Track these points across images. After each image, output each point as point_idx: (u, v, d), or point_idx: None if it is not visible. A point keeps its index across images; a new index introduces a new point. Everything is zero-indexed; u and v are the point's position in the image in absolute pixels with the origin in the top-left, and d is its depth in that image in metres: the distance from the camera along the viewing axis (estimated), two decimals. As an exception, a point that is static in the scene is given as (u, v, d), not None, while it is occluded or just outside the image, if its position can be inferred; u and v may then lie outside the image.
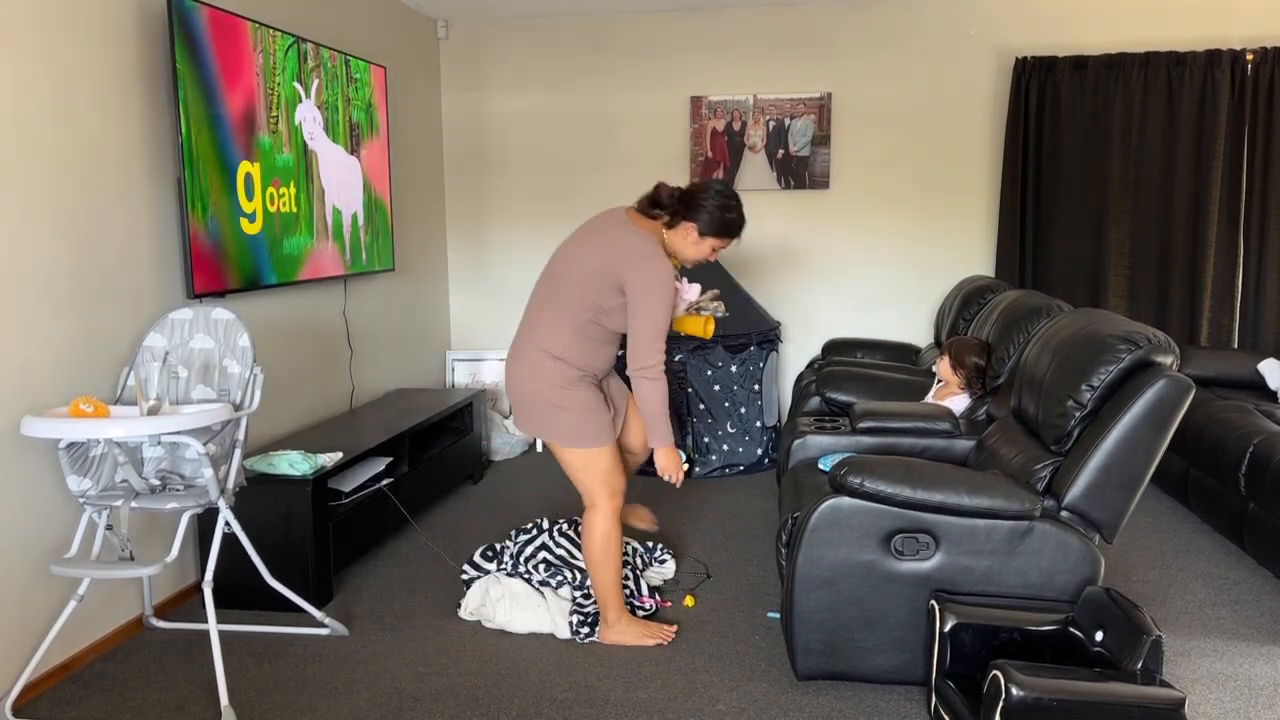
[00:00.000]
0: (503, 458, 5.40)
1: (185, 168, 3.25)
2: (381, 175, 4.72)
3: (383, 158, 4.73)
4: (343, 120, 4.30)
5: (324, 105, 4.13)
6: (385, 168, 4.76)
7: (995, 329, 3.90)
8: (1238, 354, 4.64)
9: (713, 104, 5.53)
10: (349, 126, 4.37)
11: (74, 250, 2.92)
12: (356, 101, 4.44)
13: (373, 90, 4.61)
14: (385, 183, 4.76)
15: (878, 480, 2.62)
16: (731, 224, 2.96)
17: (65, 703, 2.74)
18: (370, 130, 4.59)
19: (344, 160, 4.33)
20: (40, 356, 2.80)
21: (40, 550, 2.83)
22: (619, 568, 3.07)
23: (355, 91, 4.43)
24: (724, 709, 2.69)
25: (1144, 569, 3.67)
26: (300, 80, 3.93)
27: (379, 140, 4.68)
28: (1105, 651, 2.31)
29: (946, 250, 5.52)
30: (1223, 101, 4.98)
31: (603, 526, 3.02)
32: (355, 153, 4.43)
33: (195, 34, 3.28)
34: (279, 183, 3.79)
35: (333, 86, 4.21)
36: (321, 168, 4.12)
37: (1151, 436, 2.56)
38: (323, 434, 4.01)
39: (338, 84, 4.25)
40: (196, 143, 3.30)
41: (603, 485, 3.00)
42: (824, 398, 4.30)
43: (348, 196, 4.38)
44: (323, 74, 4.11)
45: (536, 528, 3.53)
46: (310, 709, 2.70)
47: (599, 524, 3.02)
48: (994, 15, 5.30)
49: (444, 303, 5.92)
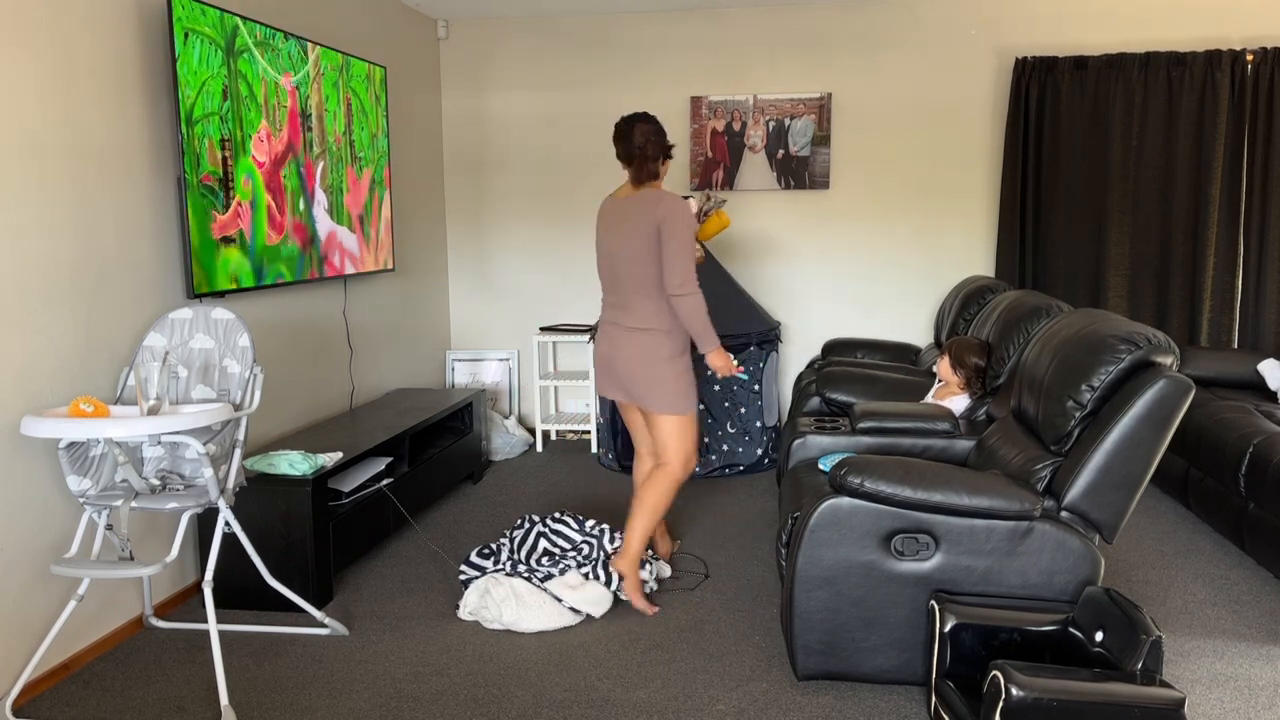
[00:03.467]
0: (503, 458, 5.40)
1: (185, 168, 3.25)
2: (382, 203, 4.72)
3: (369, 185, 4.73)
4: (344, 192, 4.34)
5: (329, 188, 4.18)
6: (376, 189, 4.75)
7: (995, 329, 3.90)
8: (1238, 354, 4.64)
9: (713, 104, 5.53)
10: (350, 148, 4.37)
11: (74, 250, 2.92)
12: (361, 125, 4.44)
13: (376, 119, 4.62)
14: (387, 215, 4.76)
15: (878, 480, 2.62)
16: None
17: (65, 703, 2.74)
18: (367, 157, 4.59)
19: (348, 237, 4.40)
20: (40, 356, 2.80)
21: (40, 550, 2.83)
22: (656, 524, 3.49)
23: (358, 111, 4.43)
24: (724, 709, 2.69)
25: (1144, 569, 3.67)
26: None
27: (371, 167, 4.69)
28: (1105, 652, 2.31)
29: (946, 250, 5.52)
30: (1223, 101, 4.98)
31: (669, 486, 3.42)
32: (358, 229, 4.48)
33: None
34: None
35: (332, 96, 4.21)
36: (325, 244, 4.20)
37: (1151, 437, 2.56)
38: (323, 434, 4.01)
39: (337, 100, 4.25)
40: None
41: (685, 450, 3.42)
42: (824, 398, 4.30)
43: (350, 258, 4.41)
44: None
45: (527, 520, 3.55)
46: (310, 709, 2.70)
47: (666, 483, 3.42)
48: (994, 15, 5.30)
49: (444, 303, 5.92)
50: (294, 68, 3.88)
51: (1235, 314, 5.14)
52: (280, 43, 3.77)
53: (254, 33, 3.61)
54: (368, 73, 4.56)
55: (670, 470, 3.42)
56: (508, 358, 5.90)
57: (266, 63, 3.69)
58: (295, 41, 3.89)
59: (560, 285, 5.90)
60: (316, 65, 4.06)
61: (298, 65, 3.91)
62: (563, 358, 6.01)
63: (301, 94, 3.95)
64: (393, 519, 3.95)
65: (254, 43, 3.60)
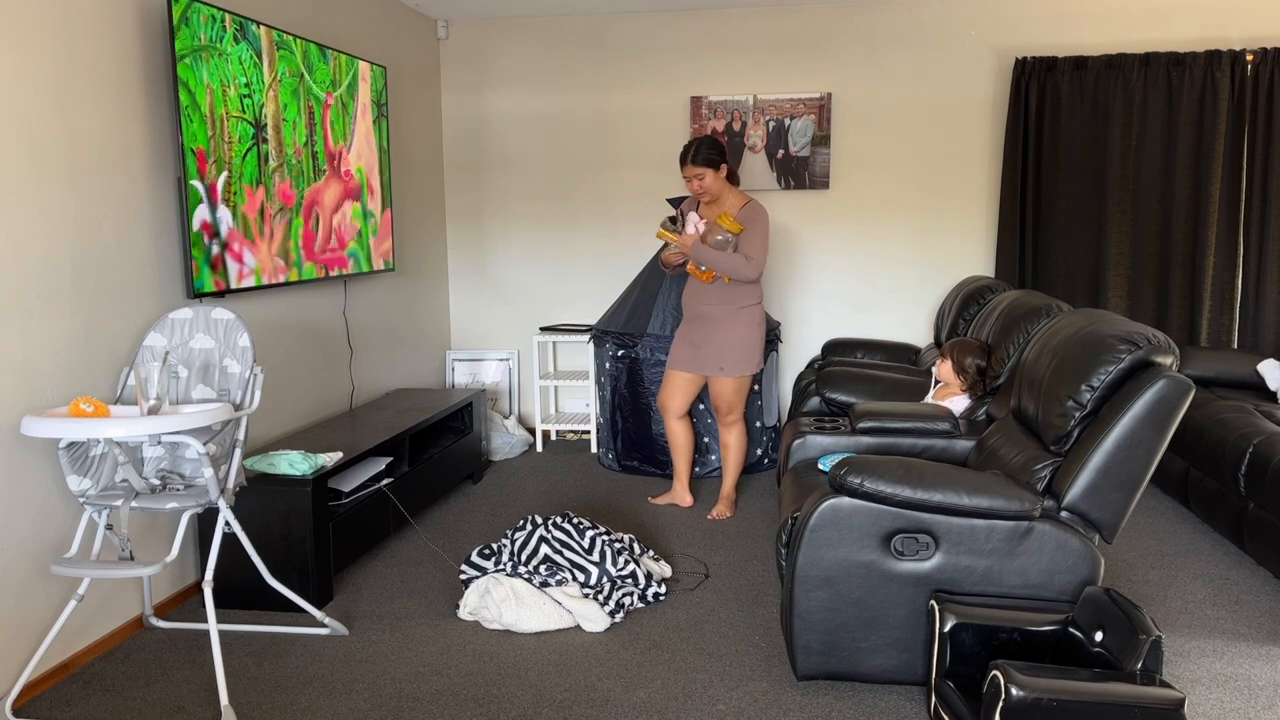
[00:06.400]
0: (503, 458, 5.40)
1: (185, 168, 3.25)
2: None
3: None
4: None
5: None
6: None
7: (995, 329, 3.90)
8: (1238, 354, 4.64)
9: (713, 104, 5.53)
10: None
11: (74, 250, 2.92)
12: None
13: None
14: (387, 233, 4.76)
15: (878, 480, 2.62)
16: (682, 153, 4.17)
17: (65, 703, 2.74)
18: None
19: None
20: (40, 356, 2.81)
21: (40, 550, 2.83)
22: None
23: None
24: (724, 709, 2.69)
25: (1144, 569, 3.67)
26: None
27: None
28: (1105, 652, 2.31)
29: (946, 250, 5.52)
30: (1223, 102, 4.98)
31: (743, 437, 4.39)
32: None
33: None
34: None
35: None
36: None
37: (1151, 437, 2.56)
38: (323, 434, 4.01)
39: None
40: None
41: (743, 405, 4.32)
42: (824, 398, 4.31)
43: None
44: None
45: (530, 522, 3.54)
46: (310, 709, 2.70)
47: (739, 435, 4.37)
48: (994, 15, 5.30)
49: (444, 303, 5.92)
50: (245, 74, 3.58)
51: (1235, 314, 5.14)
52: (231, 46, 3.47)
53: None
54: (356, 73, 4.55)
55: (738, 426, 4.38)
56: (508, 358, 5.90)
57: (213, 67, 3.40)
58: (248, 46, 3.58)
59: (560, 285, 5.90)
60: (273, 70, 3.78)
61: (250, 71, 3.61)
62: (563, 358, 6.01)
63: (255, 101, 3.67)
64: (393, 519, 3.95)
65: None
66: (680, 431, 4.44)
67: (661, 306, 4.90)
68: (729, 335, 4.19)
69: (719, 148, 4.13)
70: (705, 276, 4.15)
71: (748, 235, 4.09)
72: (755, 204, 4.16)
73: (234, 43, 3.48)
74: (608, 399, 5.04)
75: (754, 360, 4.24)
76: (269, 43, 3.72)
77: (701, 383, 4.37)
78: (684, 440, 4.46)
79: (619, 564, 3.37)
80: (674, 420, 4.42)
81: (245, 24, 3.55)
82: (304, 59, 3.97)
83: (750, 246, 4.08)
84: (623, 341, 4.93)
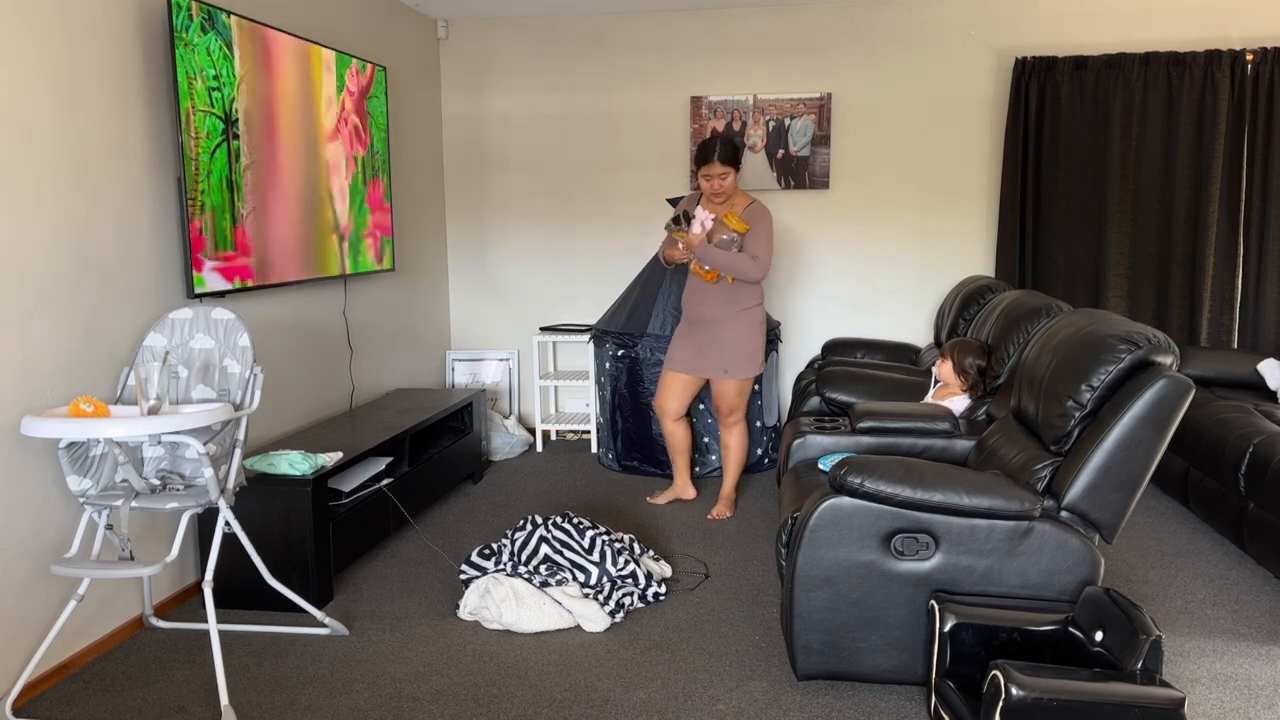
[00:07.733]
0: (503, 458, 5.40)
1: (185, 168, 3.24)
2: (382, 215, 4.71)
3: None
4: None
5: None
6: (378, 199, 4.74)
7: (995, 329, 3.90)
8: (1238, 354, 4.64)
9: (713, 104, 5.53)
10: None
11: (74, 250, 2.92)
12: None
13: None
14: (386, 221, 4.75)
15: (878, 480, 2.62)
16: (698, 151, 4.15)
17: (65, 703, 2.74)
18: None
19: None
20: (40, 356, 2.81)
21: (40, 550, 2.83)
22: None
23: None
24: (724, 709, 2.69)
25: (1144, 569, 3.67)
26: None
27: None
28: (1105, 651, 2.31)
29: (946, 250, 5.52)
30: (1223, 101, 4.98)
31: (744, 438, 4.39)
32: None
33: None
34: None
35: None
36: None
37: (1151, 437, 2.56)
38: (323, 434, 4.01)
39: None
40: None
41: (745, 406, 4.33)
42: (824, 398, 4.30)
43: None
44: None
45: (530, 522, 3.54)
46: (310, 709, 2.70)
47: (741, 436, 4.38)
48: (994, 15, 5.30)
49: (444, 303, 5.92)
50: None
51: (1235, 314, 5.14)
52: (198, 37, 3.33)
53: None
54: (349, 70, 4.54)
55: (740, 427, 4.38)
56: (508, 358, 5.90)
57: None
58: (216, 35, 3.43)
59: (560, 285, 5.90)
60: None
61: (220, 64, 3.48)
62: (563, 358, 6.01)
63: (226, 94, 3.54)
64: (393, 519, 3.95)
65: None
66: (678, 433, 4.44)
67: (661, 306, 4.90)
68: (731, 337, 4.19)
69: (738, 147, 4.15)
70: (709, 276, 4.15)
71: (753, 235, 4.09)
72: (759, 204, 4.16)
73: (201, 33, 3.35)
74: (608, 399, 5.04)
75: (757, 362, 4.24)
76: (239, 34, 3.54)
77: (700, 384, 4.37)
78: (683, 441, 4.46)
79: (619, 564, 3.37)
80: (671, 423, 4.42)
81: (214, 13, 3.40)
82: (298, 55, 3.97)
83: (756, 246, 4.07)
84: (623, 341, 4.93)
